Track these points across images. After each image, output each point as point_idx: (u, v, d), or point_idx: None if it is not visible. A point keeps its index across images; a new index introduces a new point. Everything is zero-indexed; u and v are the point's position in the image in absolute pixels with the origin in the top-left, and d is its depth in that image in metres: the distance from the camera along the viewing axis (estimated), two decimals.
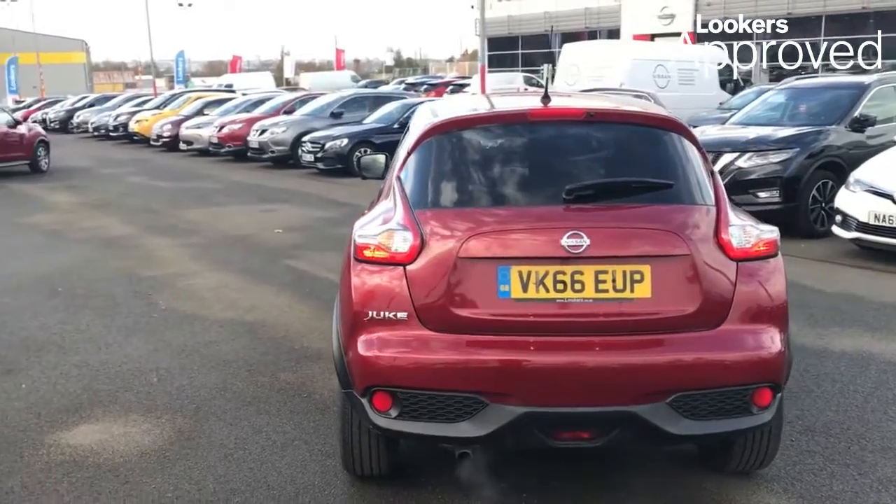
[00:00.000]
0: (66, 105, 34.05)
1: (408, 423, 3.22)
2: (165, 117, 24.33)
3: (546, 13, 42.74)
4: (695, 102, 17.12)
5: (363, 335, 3.26)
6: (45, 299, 7.25)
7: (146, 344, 5.89)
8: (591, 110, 3.61)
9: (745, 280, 3.24)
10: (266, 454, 4.08)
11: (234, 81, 49.19)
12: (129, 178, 17.13)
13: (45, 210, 13.01)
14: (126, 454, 4.11)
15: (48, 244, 10.07)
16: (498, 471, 3.70)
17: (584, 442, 3.23)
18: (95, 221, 11.73)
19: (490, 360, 3.13)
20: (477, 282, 3.18)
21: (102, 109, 30.29)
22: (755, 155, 9.28)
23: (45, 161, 18.85)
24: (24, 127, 18.42)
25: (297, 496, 3.67)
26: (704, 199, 3.41)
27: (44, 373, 5.30)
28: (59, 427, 4.45)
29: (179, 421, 4.52)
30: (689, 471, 3.85)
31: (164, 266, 8.59)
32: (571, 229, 3.15)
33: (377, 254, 3.29)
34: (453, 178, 3.50)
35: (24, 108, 38.18)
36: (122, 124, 26.74)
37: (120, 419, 4.55)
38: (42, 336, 6.12)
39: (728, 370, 3.16)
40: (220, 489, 3.73)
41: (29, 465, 4.00)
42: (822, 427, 4.31)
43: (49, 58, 63.65)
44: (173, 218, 11.88)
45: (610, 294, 3.15)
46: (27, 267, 8.63)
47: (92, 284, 7.78)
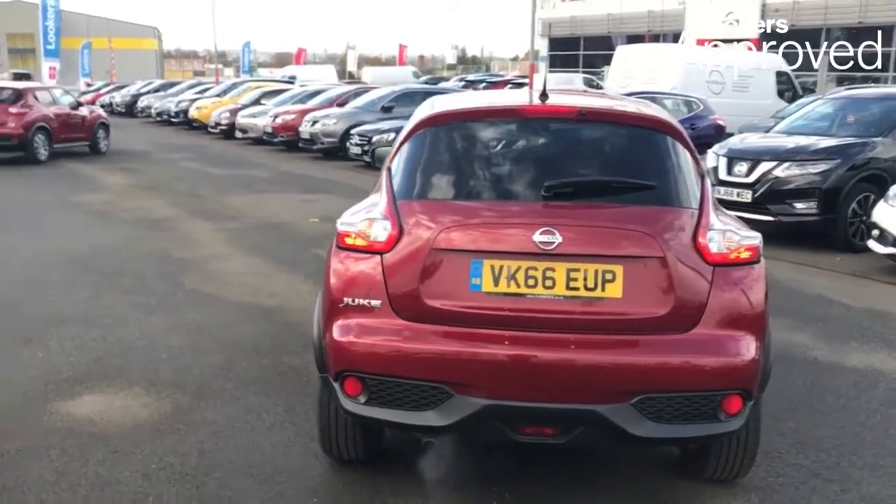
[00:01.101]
0: (133, 90, 34.93)
1: (375, 409, 3.28)
2: (224, 105, 24.81)
3: (609, 15, 42.30)
4: (750, 110, 16.81)
5: (338, 321, 3.33)
6: (78, 275, 7.51)
7: (163, 322, 6.06)
8: (583, 109, 3.61)
9: (721, 285, 3.22)
10: (254, 434, 4.18)
11: (298, 73, 49.92)
12: (182, 163, 17.54)
13: (97, 190, 13.42)
14: (121, 425, 4.26)
15: (92, 223, 10.40)
16: (473, 463, 3.74)
17: (548, 438, 3.25)
18: (141, 203, 12.06)
19: (456, 351, 3.16)
20: (450, 273, 3.22)
21: (166, 95, 31.04)
22: (794, 164, 9.09)
23: (105, 143, 19.41)
24: (85, 109, 18.99)
25: (274, 476, 3.76)
26: (688, 203, 3.39)
27: (61, 344, 5.51)
28: (64, 396, 4.62)
29: (178, 397, 4.65)
30: (666, 475, 3.83)
31: (198, 249, 8.80)
32: (544, 226, 3.16)
33: (357, 241, 3.36)
34: (438, 171, 3.54)
35: (94, 92, 39.41)
36: (182, 110, 27.36)
37: (123, 392, 4.71)
38: (67, 309, 6.35)
39: (695, 375, 3.14)
40: (202, 464, 3.84)
41: (28, 430, 4.17)
42: (815, 441, 4.23)
43: (121, 43, 65.38)
44: (216, 203, 12.15)
45: (580, 292, 3.16)
46: (68, 243, 8.92)
47: (125, 263, 8.03)
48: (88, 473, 3.72)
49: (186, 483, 3.66)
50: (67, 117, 18.01)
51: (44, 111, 17.16)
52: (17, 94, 17.06)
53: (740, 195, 9.31)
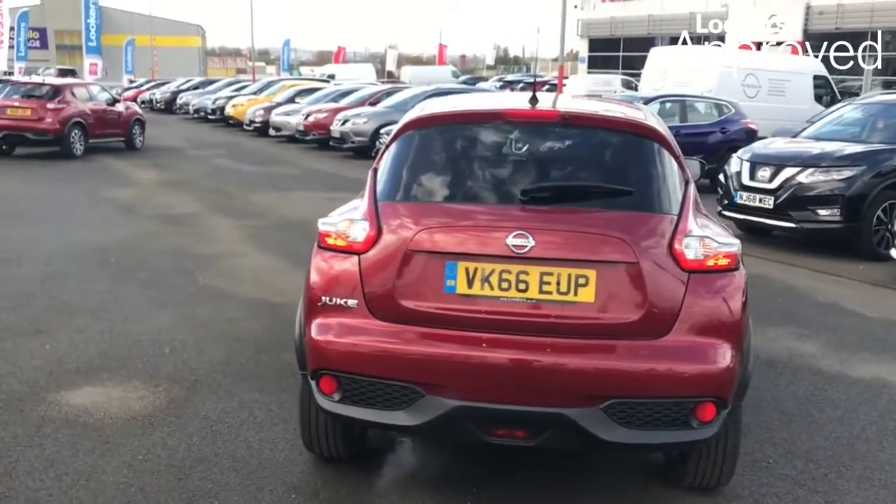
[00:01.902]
0: (172, 87, 35.47)
1: (349, 408, 3.32)
2: (259, 103, 25.10)
3: (650, 16, 41.92)
4: (785, 114, 16.54)
5: (316, 319, 3.37)
6: (96, 268, 7.66)
7: (171, 316, 6.17)
8: (566, 113, 3.61)
9: (696, 292, 3.19)
10: (243, 429, 4.24)
11: (337, 72, 50.30)
12: (214, 160, 17.78)
13: (127, 185, 13.67)
14: (115, 417, 4.35)
15: (118, 217, 10.60)
16: (452, 464, 3.76)
17: (519, 441, 3.25)
18: (168, 199, 12.26)
19: (428, 352, 3.18)
20: (425, 275, 3.24)
21: (204, 93, 31.46)
22: (817, 171, 8.94)
23: (140, 139, 19.75)
24: (121, 105, 19.33)
25: (258, 470, 3.81)
26: (667, 208, 3.37)
27: (69, 336, 5.63)
28: (64, 387, 4.73)
29: (175, 391, 4.73)
30: (647, 481, 3.81)
31: (216, 245, 8.93)
32: (518, 229, 3.17)
33: (337, 242, 3.40)
34: (420, 173, 3.56)
35: (135, 88, 40.11)
36: (219, 108, 27.74)
37: (122, 384, 4.80)
38: (80, 301, 6.49)
39: (666, 381, 3.12)
40: (189, 457, 3.91)
41: (25, 419, 4.28)
42: (806, 452, 4.17)
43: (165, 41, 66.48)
44: (241, 200, 12.30)
45: (553, 296, 3.16)
46: (91, 237, 9.11)
47: (143, 257, 8.17)
48: (77, 463, 3.81)
49: (170, 475, 3.73)
50: (104, 113, 18.37)
51: (80, 107, 17.52)
52: (55, 90, 17.45)
53: (762, 201, 9.20)
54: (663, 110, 14.24)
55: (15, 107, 16.89)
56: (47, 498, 3.49)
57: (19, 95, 17.26)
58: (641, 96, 14.99)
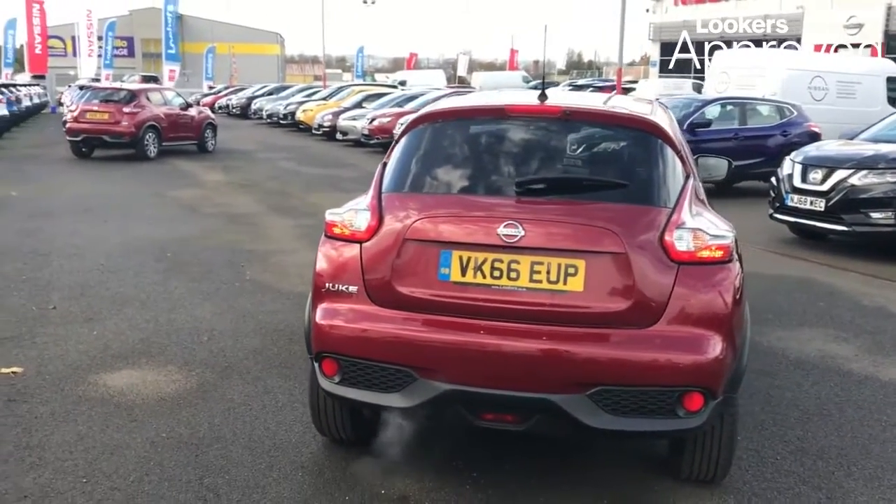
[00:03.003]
0: (248, 93, 36.48)
1: (347, 389, 3.47)
2: (328, 108, 25.63)
3: (723, 18, 41.17)
4: (855, 117, 16.04)
5: (321, 304, 3.54)
6: (152, 262, 8.04)
7: (215, 307, 6.45)
8: (568, 109, 3.69)
9: (686, 283, 3.23)
10: (264, 412, 4.44)
11: (408, 78, 50.94)
12: (280, 163, 18.26)
13: (194, 186, 14.18)
14: (147, 398, 4.61)
15: (180, 216, 11.04)
16: (456, 449, 3.89)
17: (509, 425, 3.35)
18: (230, 199, 12.69)
19: (421, 337, 3.31)
20: (420, 263, 3.38)
21: (277, 98, 32.28)
22: (871, 173, 8.72)
23: (212, 142, 20.42)
24: (194, 110, 20.03)
25: (271, 450, 4.00)
26: (661, 201, 3.42)
27: (117, 324, 5.96)
28: (104, 369, 5.03)
29: (207, 375, 4.98)
30: (646, 471, 3.85)
31: (268, 242, 9.24)
32: (509, 220, 3.27)
33: (342, 231, 3.57)
34: (422, 166, 3.70)
35: (213, 94, 41.37)
36: (290, 113, 28.42)
37: (158, 369, 5.07)
38: (132, 293, 6.83)
39: (652, 370, 3.17)
40: (208, 436, 4.13)
41: (65, 397, 4.57)
42: (818, 450, 4.15)
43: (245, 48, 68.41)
44: (299, 201, 12.65)
45: (543, 285, 3.25)
46: (152, 233, 9.54)
47: (197, 253, 8.52)
48: (104, 438, 4.07)
49: (188, 451, 3.95)
50: (177, 117, 19.07)
51: (155, 111, 18.24)
52: (131, 94, 18.21)
53: (813, 203, 9.03)
54: (723, 113, 14.06)
55: (94, 111, 17.71)
56: (73, 468, 3.75)
57: (98, 100, 18.06)
58: (700, 98, 14.79)
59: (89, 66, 44.65)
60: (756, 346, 5.79)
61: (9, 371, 4.92)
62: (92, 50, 44.93)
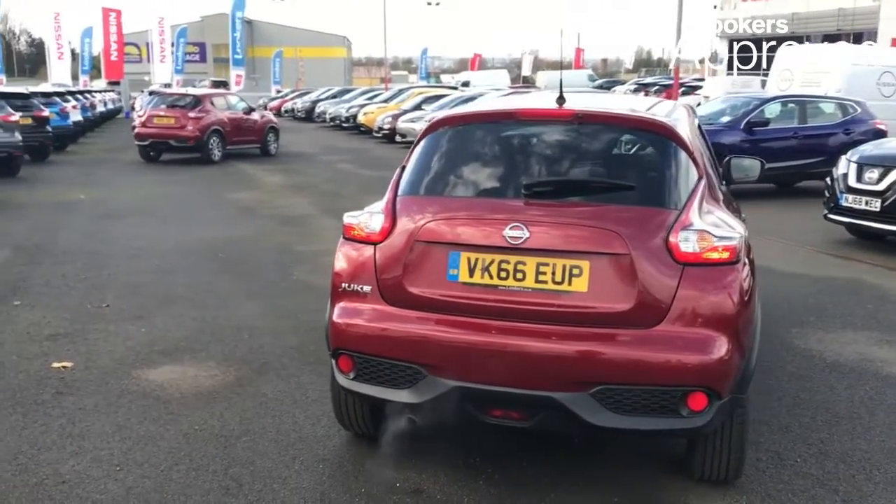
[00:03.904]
0: (313, 96, 37.15)
1: (361, 385, 3.61)
2: (388, 111, 25.95)
3: (794, 14, 40.16)
4: None
5: (338, 303, 3.69)
6: (204, 262, 8.34)
7: (259, 306, 6.67)
8: (580, 112, 3.74)
9: (691, 284, 3.26)
10: (295, 407, 4.61)
11: (472, 78, 51.09)
12: (338, 165, 18.60)
13: (253, 188, 14.58)
14: (185, 392, 4.82)
15: (237, 217, 11.38)
16: (473, 446, 3.99)
17: (515, 422, 3.43)
18: (286, 201, 13.01)
19: (429, 335, 3.42)
20: (430, 264, 3.48)
21: (340, 101, 32.80)
22: None
23: (274, 146, 20.92)
24: (256, 114, 20.55)
25: (296, 443, 4.15)
26: (669, 203, 3.45)
27: (164, 321, 6.22)
28: (148, 365, 5.27)
29: (244, 371, 5.18)
30: (659, 472, 3.87)
31: (318, 243, 9.46)
32: (515, 222, 3.36)
33: (358, 233, 3.70)
34: (435, 170, 3.81)
35: (280, 98, 42.24)
36: (352, 115, 28.88)
37: (198, 364, 5.29)
38: (182, 292, 7.11)
39: (654, 369, 3.21)
40: (238, 429, 4.31)
41: (108, 391, 4.82)
42: (841, 454, 4.10)
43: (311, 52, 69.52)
44: (353, 203, 12.74)
45: (548, 285, 3.32)
46: (207, 235, 9.87)
47: (249, 253, 8.80)
48: (140, 430, 4.28)
49: (217, 443, 4.14)
50: (240, 121, 19.60)
51: (219, 116, 18.79)
52: (196, 100, 18.79)
53: (868, 203, 8.83)
54: (783, 111, 13.79)
55: (160, 116, 18.34)
56: (108, 457, 3.97)
57: (165, 105, 18.70)
58: (758, 97, 14.52)
59: (162, 72, 46.06)
60: (792, 348, 5.74)
61: (60, 365, 5.21)
62: (164, 56, 46.30)
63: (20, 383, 4.92)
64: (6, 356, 5.39)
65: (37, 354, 5.43)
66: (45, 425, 4.32)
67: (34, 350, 5.52)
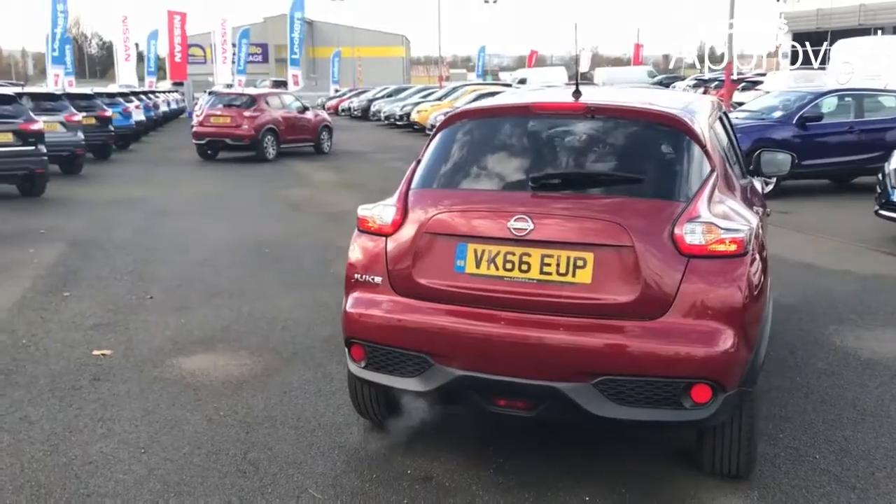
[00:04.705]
0: (368, 95, 37.52)
1: (372, 373, 3.69)
2: (441, 108, 26.05)
3: (862, 6, 38.99)
4: None
5: (351, 294, 3.78)
6: (249, 257, 8.54)
7: (297, 298, 6.82)
8: (592, 105, 3.76)
9: (695, 276, 3.25)
10: (318, 395, 4.72)
11: (529, 75, 50.93)
12: (388, 163, 18.78)
13: (303, 185, 14.83)
14: (215, 379, 4.98)
15: (285, 214, 11.61)
16: (486, 436, 4.04)
17: (520, 411, 3.46)
18: (334, 198, 13.21)
19: (436, 325, 3.47)
20: (438, 255, 3.54)
21: (395, 100, 33.07)
22: None
23: (328, 144, 21.22)
24: (310, 113, 20.89)
25: (315, 430, 4.26)
26: (677, 195, 3.44)
27: (204, 313, 6.41)
28: (183, 353, 5.45)
29: (273, 361, 5.31)
30: (670, 465, 3.85)
31: None
32: (520, 214, 3.39)
33: (371, 225, 3.79)
34: (448, 163, 3.86)
35: (338, 97, 42.75)
36: (406, 114, 29.09)
37: (230, 354, 5.45)
38: (224, 285, 7.31)
39: (656, 361, 3.21)
40: (261, 416, 4.44)
41: (142, 378, 5.01)
42: (863, 451, 4.03)
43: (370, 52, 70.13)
44: None
45: (553, 277, 3.35)
46: (254, 231, 10.10)
47: (293, 249, 8.98)
48: (168, 415, 4.44)
49: (239, 428, 4.27)
50: (294, 120, 19.95)
51: (273, 115, 19.15)
52: (251, 99, 19.18)
53: None
54: (839, 105, 13.45)
55: (217, 115, 18.78)
56: (135, 440, 4.13)
57: (221, 105, 19.13)
58: (813, 91, 14.18)
59: (224, 73, 47.01)
60: (828, 345, 5.64)
61: (100, 353, 5.42)
62: (226, 57, 47.23)
63: (61, 369, 5.14)
64: (51, 343, 5.64)
65: (79, 342, 5.66)
66: (80, 409, 4.51)
67: (77, 338, 5.76)
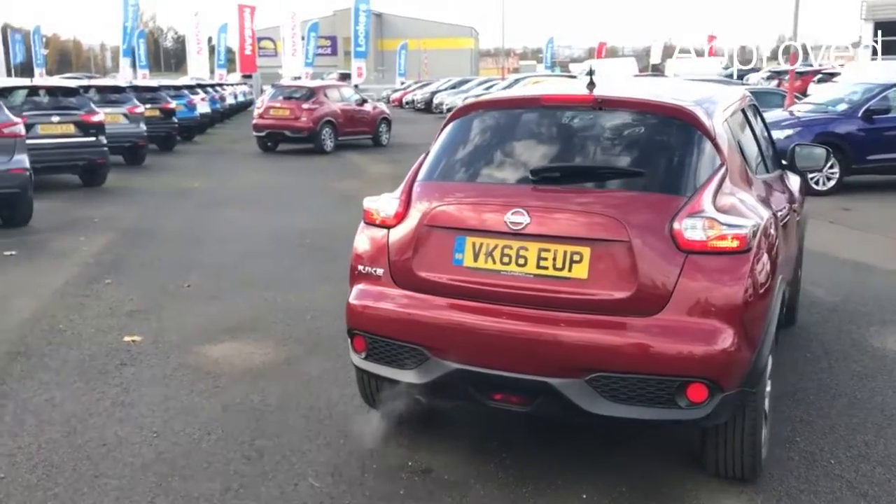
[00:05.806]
0: (432, 88, 37.61)
1: (372, 364, 3.71)
2: None
3: None
4: None
5: (355, 285, 3.82)
6: (290, 248, 8.67)
7: (328, 290, 6.88)
8: (600, 97, 3.69)
9: (694, 273, 3.17)
10: (333, 385, 4.77)
11: (597, 66, 50.27)
12: None
13: (356, 177, 14.97)
14: (236, 367, 5.07)
15: (334, 205, 11.74)
16: (489, 429, 4.03)
17: (516, 406, 3.43)
18: (385, 189, 13.15)
19: (432, 318, 3.47)
20: (437, 248, 3.54)
21: (457, 92, 33.07)
22: None
23: (386, 136, 21.36)
24: (369, 106, 21.05)
25: (325, 419, 4.31)
26: (680, 189, 3.36)
27: (237, 302, 6.53)
28: (210, 341, 5.56)
29: (296, 350, 5.39)
30: (675, 465, 3.77)
31: None
32: (517, 207, 3.36)
33: (375, 217, 3.81)
34: (454, 156, 3.85)
35: (402, 90, 42.97)
36: None
37: (255, 343, 5.54)
38: (260, 275, 7.44)
39: (650, 358, 3.15)
40: (276, 403, 4.50)
41: (166, 364, 5.13)
42: (882, 457, 3.88)
43: (437, 44, 70.27)
44: None
45: (549, 271, 3.31)
46: (300, 222, 10.25)
47: (334, 240, 9.05)
48: (185, 401, 4.54)
49: (252, 416, 4.34)
50: (353, 113, 20.13)
51: (332, 107, 19.37)
52: (310, 91, 19.43)
53: None
54: None
55: (277, 108, 19.09)
56: (150, 424, 4.23)
57: (282, 97, 19.43)
58: (883, 83, 13.63)
59: (293, 66, 47.68)
60: (865, 347, 5.45)
61: (130, 339, 5.58)
62: (295, 50, 47.90)
63: (92, 354, 5.30)
64: (86, 329, 5.82)
65: (112, 328, 5.83)
66: (102, 393, 4.65)
67: (111, 324, 5.93)
